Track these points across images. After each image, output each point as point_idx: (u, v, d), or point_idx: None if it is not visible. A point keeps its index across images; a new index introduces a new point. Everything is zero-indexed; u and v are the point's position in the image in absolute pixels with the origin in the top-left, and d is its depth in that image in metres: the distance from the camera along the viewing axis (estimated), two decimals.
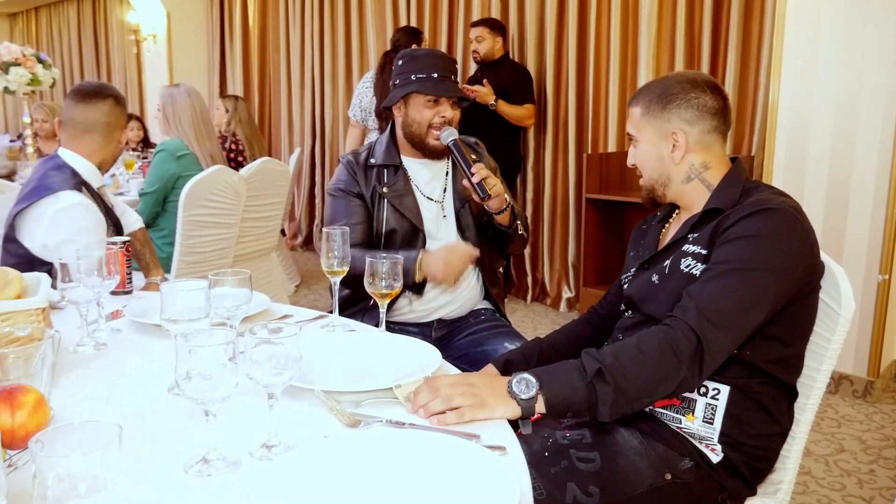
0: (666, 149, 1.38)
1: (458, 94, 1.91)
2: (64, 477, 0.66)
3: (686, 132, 1.36)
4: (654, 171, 1.42)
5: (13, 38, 10.06)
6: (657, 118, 1.38)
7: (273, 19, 6.42)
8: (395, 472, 0.91)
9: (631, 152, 1.46)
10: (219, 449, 0.94)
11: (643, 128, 1.41)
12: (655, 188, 1.43)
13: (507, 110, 4.06)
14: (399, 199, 1.92)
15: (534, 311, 4.42)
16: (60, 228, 1.86)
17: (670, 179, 1.41)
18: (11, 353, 1.00)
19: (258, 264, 3.45)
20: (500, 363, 1.54)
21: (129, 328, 1.52)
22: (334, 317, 1.57)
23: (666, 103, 1.37)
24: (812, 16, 2.91)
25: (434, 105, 1.89)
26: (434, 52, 1.97)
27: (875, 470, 2.42)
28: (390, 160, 1.96)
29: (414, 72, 1.90)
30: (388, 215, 1.91)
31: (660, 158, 1.40)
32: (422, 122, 1.90)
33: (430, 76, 1.88)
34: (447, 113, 1.89)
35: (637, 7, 3.96)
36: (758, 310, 1.21)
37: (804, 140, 2.99)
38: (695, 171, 1.39)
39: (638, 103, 1.41)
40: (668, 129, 1.37)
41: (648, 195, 1.46)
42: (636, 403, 1.19)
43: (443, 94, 1.88)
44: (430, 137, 1.90)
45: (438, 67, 1.89)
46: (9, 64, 3.92)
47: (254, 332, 0.96)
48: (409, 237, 1.92)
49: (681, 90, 1.36)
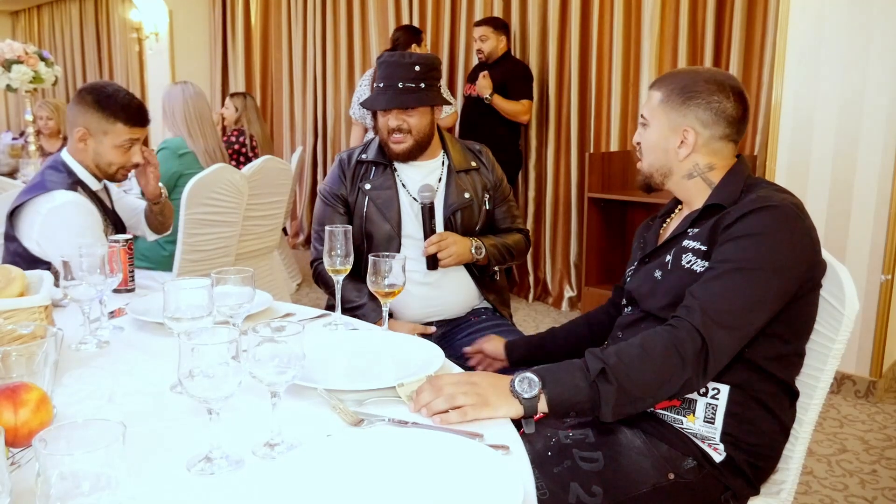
0: (673, 143, 1.37)
1: (388, 106, 1.88)
2: (67, 475, 0.66)
3: (697, 133, 1.36)
4: (657, 161, 1.41)
5: (15, 35, 10.07)
6: (674, 110, 1.37)
7: (275, 17, 6.42)
8: (398, 471, 0.91)
9: (639, 132, 1.45)
10: (222, 447, 0.94)
11: (657, 115, 1.39)
12: (654, 176, 1.43)
13: (502, 105, 4.06)
14: (380, 196, 1.94)
15: (536, 311, 4.42)
16: (54, 227, 1.86)
17: (671, 172, 1.40)
18: (14, 351, 1.00)
19: (260, 263, 3.45)
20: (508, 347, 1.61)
21: (132, 326, 1.52)
22: (337, 315, 1.57)
23: (686, 98, 1.35)
24: (815, 15, 2.90)
25: (385, 114, 1.92)
26: (388, 61, 1.92)
27: (877, 470, 2.42)
28: (381, 158, 1.98)
29: (376, 81, 1.95)
30: (368, 211, 1.94)
31: (665, 150, 1.39)
32: (381, 130, 1.95)
33: (378, 86, 1.92)
34: (392, 122, 1.90)
35: (640, 5, 3.95)
36: (762, 310, 1.20)
37: (807, 139, 2.99)
38: (698, 170, 1.38)
39: (660, 88, 1.39)
40: (681, 124, 1.36)
41: (645, 181, 1.45)
42: (639, 404, 1.18)
43: (373, 108, 1.96)
44: (390, 143, 1.93)
45: (386, 77, 1.90)
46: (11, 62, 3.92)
47: (257, 331, 0.96)
48: (387, 236, 1.93)
49: (705, 90, 1.35)
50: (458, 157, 2.02)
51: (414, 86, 1.88)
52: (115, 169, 2.02)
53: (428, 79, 1.90)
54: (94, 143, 1.98)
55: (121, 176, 2.06)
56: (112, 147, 1.99)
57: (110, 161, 2.00)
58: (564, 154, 4.41)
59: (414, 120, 1.90)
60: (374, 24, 5.52)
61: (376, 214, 1.93)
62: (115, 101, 1.97)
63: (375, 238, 1.94)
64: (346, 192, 1.97)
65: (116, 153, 2.00)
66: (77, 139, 1.98)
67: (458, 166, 2.01)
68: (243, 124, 4.16)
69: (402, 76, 1.87)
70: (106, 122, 1.97)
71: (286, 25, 6.28)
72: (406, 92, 1.87)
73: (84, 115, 1.97)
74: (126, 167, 2.04)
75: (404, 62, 1.89)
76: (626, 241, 4.17)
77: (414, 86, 1.88)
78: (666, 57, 3.91)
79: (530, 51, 4.45)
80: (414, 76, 1.88)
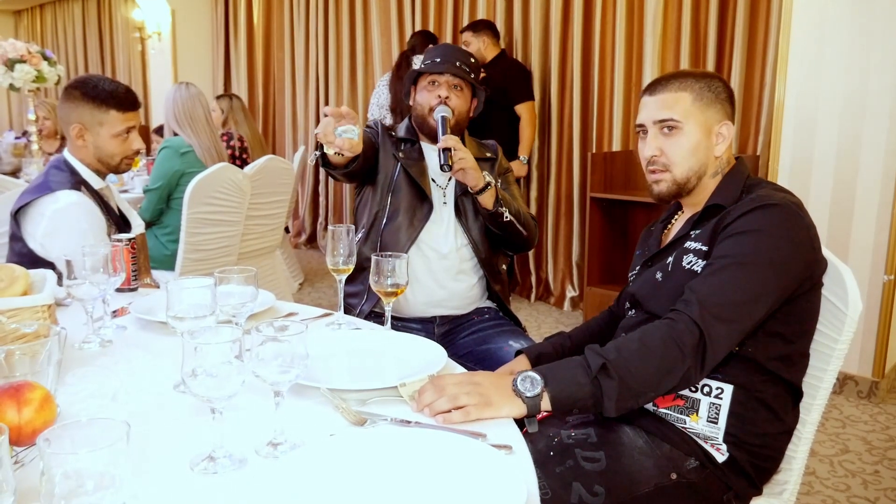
0: (712, 140, 1.37)
1: (451, 72, 1.96)
2: (71, 474, 0.66)
3: (730, 126, 1.38)
4: (697, 163, 1.36)
5: (18, 34, 10.08)
6: (710, 107, 1.36)
7: (278, 17, 6.43)
8: (401, 471, 0.91)
9: (663, 140, 1.37)
10: (225, 447, 0.94)
11: (693, 115, 1.35)
12: (690, 180, 1.37)
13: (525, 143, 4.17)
14: (412, 165, 2.00)
15: (537, 311, 4.41)
16: (58, 228, 1.86)
17: (706, 171, 1.38)
18: (18, 350, 1.00)
19: (262, 262, 3.46)
20: (532, 354, 1.54)
21: (135, 325, 1.52)
22: (339, 315, 1.57)
23: (716, 94, 1.37)
24: (818, 14, 2.90)
25: (433, 87, 1.98)
26: (446, 44, 2.04)
27: (880, 471, 2.42)
28: (410, 136, 2.06)
29: (424, 60, 2.03)
30: (399, 178, 1.99)
31: (705, 149, 1.36)
32: (424, 105, 2.00)
33: (434, 61, 1.99)
34: (442, 92, 1.96)
35: (642, 6, 3.95)
36: (759, 303, 1.21)
37: (810, 139, 2.98)
38: (721, 166, 1.39)
39: (685, 88, 1.35)
40: (718, 119, 1.37)
41: (678, 189, 1.38)
42: (641, 398, 1.19)
43: (435, 70, 1.97)
44: (431, 119, 1.97)
45: (442, 54, 2.00)
46: (14, 61, 3.92)
47: (260, 330, 0.96)
48: (414, 204, 1.97)
49: (719, 84, 1.37)
50: (472, 148, 2.07)
51: (468, 70, 1.99)
52: (119, 160, 2.02)
53: (476, 72, 2.04)
54: (93, 136, 1.98)
55: (125, 166, 2.06)
56: (110, 137, 1.99)
57: (112, 152, 2.00)
58: (566, 154, 4.41)
59: (459, 102, 1.99)
60: (377, 23, 5.52)
61: (407, 179, 1.97)
62: (102, 90, 1.97)
63: (403, 203, 1.96)
64: (378, 140, 2.03)
65: (116, 143, 2.00)
66: (75, 136, 1.98)
67: (474, 154, 2.04)
68: (231, 126, 4.13)
69: (460, 58, 1.99)
70: (99, 113, 1.96)
71: (288, 25, 6.29)
72: (462, 71, 1.97)
73: (76, 111, 1.97)
74: (128, 156, 2.04)
75: (463, 49, 2.07)
76: (628, 240, 4.16)
77: (468, 70, 1.99)
78: (668, 57, 3.91)
79: (532, 50, 4.45)
80: (469, 64, 2.01)
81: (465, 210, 1.99)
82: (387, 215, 1.97)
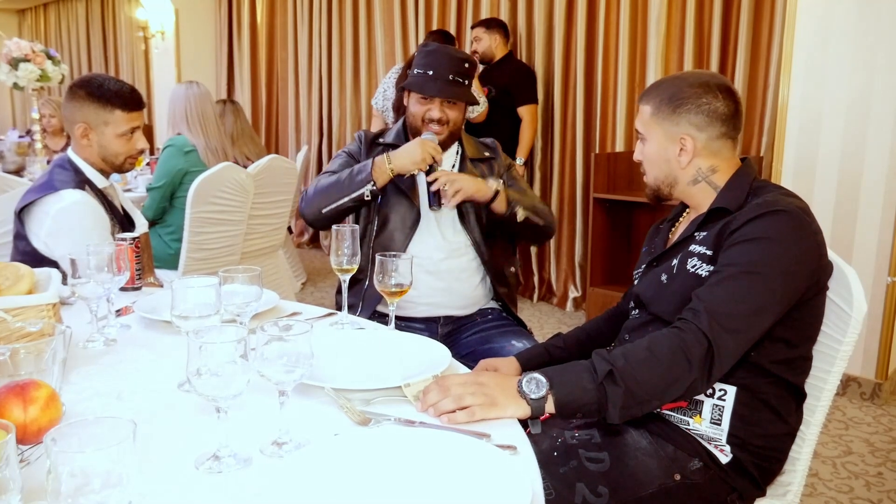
0: (673, 152, 1.38)
1: (440, 95, 1.91)
2: (78, 472, 0.66)
3: (694, 138, 1.35)
4: (661, 172, 1.42)
5: (22, 33, 10.10)
6: (666, 120, 1.37)
7: (281, 17, 6.43)
8: (406, 471, 0.91)
9: (638, 148, 1.46)
10: (230, 446, 0.94)
11: (652, 128, 1.40)
12: (661, 188, 1.43)
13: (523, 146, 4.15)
14: None
15: (540, 311, 4.41)
16: (62, 227, 1.86)
17: (676, 181, 1.41)
18: (23, 349, 1.01)
19: (265, 261, 3.46)
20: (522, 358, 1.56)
21: (139, 324, 1.53)
22: (343, 314, 1.57)
23: (676, 107, 1.36)
24: (822, 15, 2.90)
25: (426, 102, 1.93)
26: (440, 50, 1.97)
27: (883, 472, 2.41)
28: (399, 141, 2.01)
29: (418, 66, 1.96)
30: (387, 187, 1.92)
31: (667, 160, 1.39)
32: (416, 116, 1.96)
33: (426, 73, 1.92)
34: (434, 114, 1.92)
35: (646, 6, 3.95)
36: (767, 313, 1.20)
37: (814, 141, 2.98)
38: (702, 175, 1.38)
39: (648, 102, 1.40)
40: (676, 132, 1.36)
41: (654, 193, 1.46)
42: (646, 406, 1.18)
43: (422, 93, 1.93)
44: (424, 131, 1.94)
45: (436, 66, 1.91)
46: (18, 60, 3.93)
47: (265, 329, 0.96)
48: (403, 212, 1.94)
49: (692, 94, 1.35)
50: (470, 148, 2.06)
51: (462, 80, 1.93)
52: (123, 159, 2.02)
53: (471, 76, 1.97)
54: (97, 136, 1.98)
55: (129, 165, 2.06)
56: (115, 137, 1.98)
57: (116, 152, 2.00)
58: (570, 154, 4.41)
59: (454, 113, 1.95)
60: (380, 23, 5.52)
61: (392, 188, 1.94)
62: (107, 90, 1.97)
63: (391, 213, 1.95)
64: (362, 159, 1.99)
65: (120, 142, 2.00)
66: (79, 136, 1.98)
67: (472, 155, 2.06)
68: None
69: (452, 68, 1.91)
70: (104, 112, 1.96)
71: (292, 25, 6.29)
72: (454, 84, 1.91)
73: (81, 110, 1.96)
74: (133, 155, 2.04)
75: (456, 56, 1.96)
76: (632, 241, 4.16)
77: (462, 80, 1.93)
78: (672, 57, 3.90)
79: (536, 51, 4.45)
80: (463, 71, 1.93)
81: (465, 211, 1.98)
82: (376, 226, 1.95)
